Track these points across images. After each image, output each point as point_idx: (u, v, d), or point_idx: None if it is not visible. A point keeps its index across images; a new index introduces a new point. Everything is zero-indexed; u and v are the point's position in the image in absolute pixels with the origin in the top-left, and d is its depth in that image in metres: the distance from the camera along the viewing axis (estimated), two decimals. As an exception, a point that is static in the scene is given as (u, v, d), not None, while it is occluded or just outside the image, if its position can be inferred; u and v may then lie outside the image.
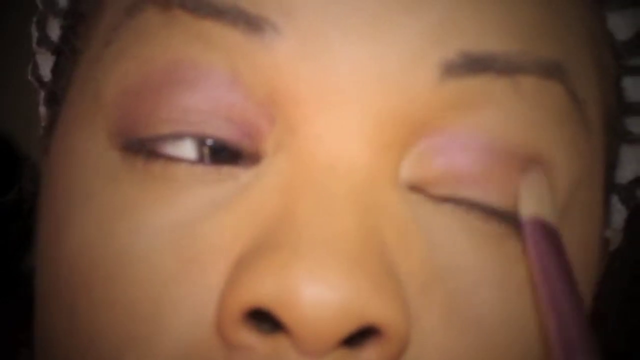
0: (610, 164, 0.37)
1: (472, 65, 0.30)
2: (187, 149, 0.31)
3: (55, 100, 0.38)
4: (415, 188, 0.31)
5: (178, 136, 0.31)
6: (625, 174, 0.38)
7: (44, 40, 0.40)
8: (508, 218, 0.31)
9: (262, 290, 0.27)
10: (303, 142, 0.30)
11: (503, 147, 0.31)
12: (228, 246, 0.29)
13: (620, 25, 0.36)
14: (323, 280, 0.27)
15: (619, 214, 0.39)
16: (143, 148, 0.31)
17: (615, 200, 0.38)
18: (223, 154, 0.31)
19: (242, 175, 0.31)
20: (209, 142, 0.31)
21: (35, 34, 0.41)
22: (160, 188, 0.31)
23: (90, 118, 0.33)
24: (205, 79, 0.31)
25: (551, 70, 0.31)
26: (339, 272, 0.27)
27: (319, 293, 0.27)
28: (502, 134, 0.31)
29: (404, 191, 0.30)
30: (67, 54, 0.37)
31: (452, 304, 0.30)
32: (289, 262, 0.27)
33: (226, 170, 0.31)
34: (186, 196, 0.31)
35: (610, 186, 0.37)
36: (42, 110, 0.41)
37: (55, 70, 0.39)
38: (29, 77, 0.42)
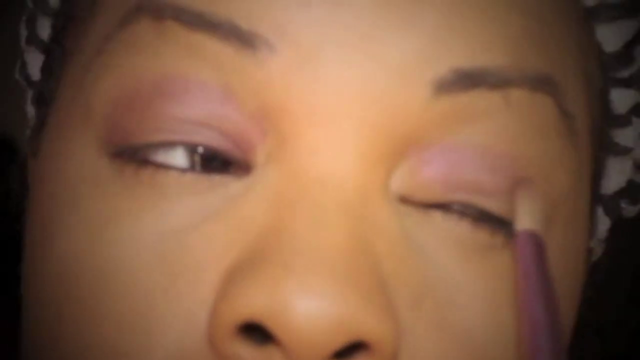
0: (596, 175, 0.38)
1: (464, 81, 0.31)
2: (177, 158, 0.31)
3: (43, 100, 0.38)
4: (406, 199, 0.31)
5: (169, 144, 0.31)
6: (610, 185, 0.39)
7: (33, 38, 0.39)
8: (499, 227, 0.32)
9: (254, 304, 0.28)
10: (294, 155, 0.30)
11: (493, 158, 0.31)
12: (218, 257, 0.30)
13: (608, 37, 0.36)
14: (315, 294, 0.28)
15: (603, 224, 0.40)
16: (133, 156, 0.31)
17: (599, 210, 0.39)
18: (214, 163, 0.31)
19: (232, 184, 0.31)
20: (200, 150, 0.31)
21: (24, 32, 0.40)
22: (149, 196, 0.31)
23: (80, 126, 0.33)
24: (196, 92, 0.31)
25: (541, 83, 0.32)
26: (331, 287, 0.28)
27: (311, 307, 0.28)
28: (492, 146, 0.31)
29: (394, 203, 0.31)
30: (57, 54, 0.37)
31: (442, 316, 0.31)
32: (281, 276, 0.28)
33: (217, 179, 0.31)
34: (175, 205, 0.31)
35: (595, 197, 0.38)
36: (30, 109, 0.41)
37: (44, 70, 0.39)
38: (17, 76, 0.41)
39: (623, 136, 0.38)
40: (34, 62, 0.40)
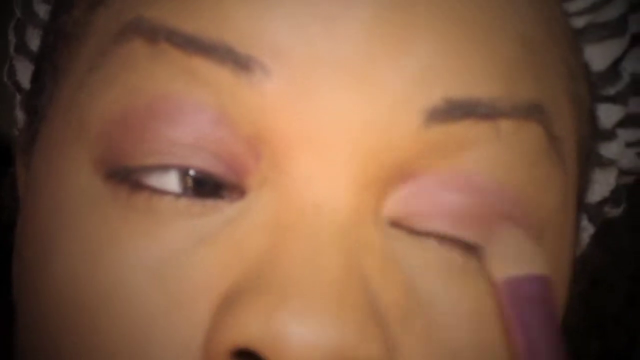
0: (582, 188, 0.38)
1: (455, 110, 0.31)
2: (171, 182, 0.31)
3: (35, 113, 0.37)
4: (397, 224, 0.32)
5: (163, 167, 0.31)
6: (594, 195, 0.39)
7: (22, 48, 0.39)
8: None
9: (250, 332, 0.28)
10: (290, 181, 0.31)
11: (482, 186, 0.32)
12: (214, 282, 0.30)
13: (596, 56, 0.36)
14: (310, 324, 0.28)
15: (586, 231, 0.40)
16: (127, 178, 0.32)
17: (583, 218, 0.40)
18: (207, 186, 0.31)
19: (226, 209, 0.31)
20: (192, 173, 0.31)
21: (12, 39, 0.40)
22: (144, 221, 0.31)
23: (74, 144, 0.33)
24: (191, 114, 0.31)
25: (531, 112, 0.32)
26: (326, 316, 0.28)
27: (306, 336, 0.28)
28: (481, 174, 0.32)
29: (385, 227, 0.31)
30: (47, 69, 0.37)
31: (431, 336, 0.31)
32: (277, 305, 0.28)
33: (210, 203, 0.31)
34: (170, 230, 0.31)
35: (580, 207, 0.38)
36: (19, 114, 0.41)
37: (34, 82, 0.39)
38: (5, 79, 0.41)
39: (608, 149, 0.38)
40: (23, 71, 0.40)
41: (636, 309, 0.66)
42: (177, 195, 0.31)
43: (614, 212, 0.41)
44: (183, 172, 0.31)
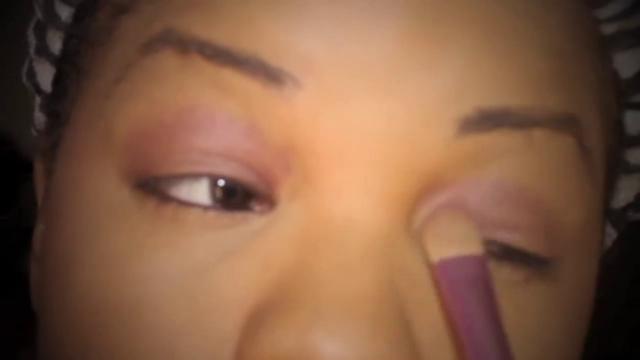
0: (608, 196, 0.38)
1: (488, 120, 0.31)
2: (201, 192, 0.31)
3: (57, 117, 0.37)
4: None
5: (194, 176, 0.31)
6: (619, 201, 0.39)
7: (43, 50, 0.39)
8: (521, 262, 0.32)
9: (284, 348, 0.28)
10: (319, 194, 0.30)
11: (515, 193, 0.31)
12: (242, 295, 0.30)
13: (625, 64, 0.36)
14: (344, 342, 0.28)
15: (609, 237, 0.40)
16: (156, 189, 0.31)
17: (607, 224, 0.40)
18: (237, 195, 0.31)
19: (255, 221, 0.31)
20: (222, 182, 0.31)
21: (33, 40, 0.39)
22: (172, 232, 0.31)
23: (101, 155, 0.33)
24: (222, 125, 0.31)
25: (564, 123, 0.32)
26: (360, 334, 0.28)
27: (339, 353, 0.28)
28: (514, 181, 0.31)
29: (418, 242, 0.31)
30: (72, 75, 0.36)
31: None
32: (310, 322, 0.28)
33: (239, 216, 0.31)
34: (198, 241, 0.31)
35: (605, 213, 0.38)
36: (38, 115, 0.41)
37: (56, 85, 0.38)
38: (24, 81, 0.41)
39: (634, 155, 0.38)
40: (44, 73, 0.39)
41: (636, 309, 0.67)
42: (205, 208, 0.31)
43: (637, 216, 0.41)
44: (213, 181, 0.31)
